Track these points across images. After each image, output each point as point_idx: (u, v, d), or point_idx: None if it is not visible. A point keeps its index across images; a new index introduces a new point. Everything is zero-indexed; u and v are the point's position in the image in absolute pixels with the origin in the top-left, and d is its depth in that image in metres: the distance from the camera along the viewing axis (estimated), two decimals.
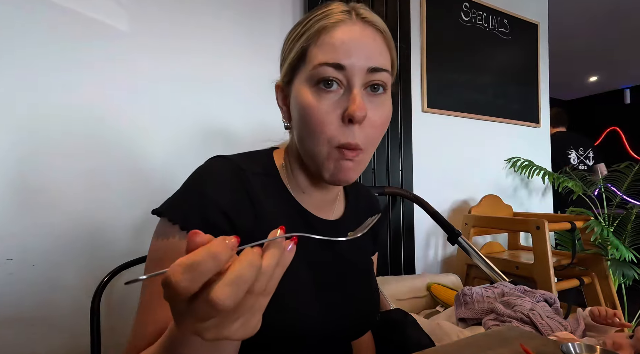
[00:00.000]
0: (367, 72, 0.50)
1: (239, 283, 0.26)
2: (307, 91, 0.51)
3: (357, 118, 0.49)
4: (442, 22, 1.92)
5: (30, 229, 1.04)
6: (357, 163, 0.52)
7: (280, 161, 0.61)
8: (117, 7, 1.17)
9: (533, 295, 1.01)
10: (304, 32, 0.52)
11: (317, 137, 0.50)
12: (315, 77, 0.50)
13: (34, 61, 1.06)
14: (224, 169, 0.53)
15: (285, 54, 0.56)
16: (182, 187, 0.52)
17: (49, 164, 1.07)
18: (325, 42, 0.50)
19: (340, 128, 0.50)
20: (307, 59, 0.51)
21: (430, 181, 1.86)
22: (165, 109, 1.24)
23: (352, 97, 0.49)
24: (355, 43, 0.50)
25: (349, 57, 0.49)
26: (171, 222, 0.48)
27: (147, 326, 0.46)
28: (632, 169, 2.38)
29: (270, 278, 0.30)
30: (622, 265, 1.80)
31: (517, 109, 2.23)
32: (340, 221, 0.64)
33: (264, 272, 0.29)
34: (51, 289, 1.06)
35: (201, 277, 0.26)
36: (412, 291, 1.43)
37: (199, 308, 0.27)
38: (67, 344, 1.07)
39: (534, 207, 2.34)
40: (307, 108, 0.50)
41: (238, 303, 0.27)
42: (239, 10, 1.38)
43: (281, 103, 0.58)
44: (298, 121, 0.53)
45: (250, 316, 0.30)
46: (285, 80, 0.56)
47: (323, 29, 0.51)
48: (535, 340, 0.59)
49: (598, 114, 5.25)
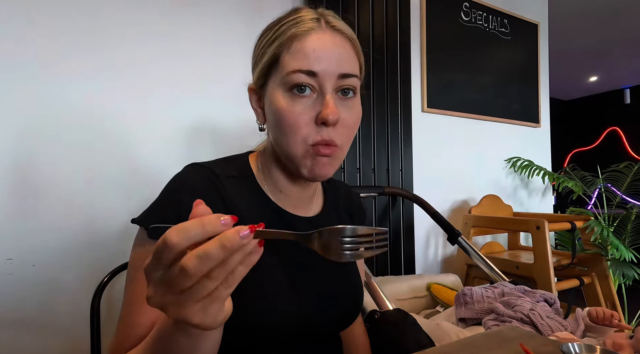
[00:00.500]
0: (338, 78, 0.53)
1: (204, 258, 0.29)
2: (281, 96, 0.53)
3: (331, 121, 0.52)
4: (442, 22, 1.92)
5: (30, 229, 1.04)
6: (333, 159, 0.55)
7: (256, 163, 0.63)
8: (119, 9, 1.17)
9: (533, 295, 1.01)
10: (275, 38, 0.54)
11: (293, 137, 0.53)
12: (289, 83, 0.52)
13: (34, 62, 1.06)
14: (196, 176, 0.55)
15: (257, 58, 0.58)
16: (158, 197, 0.54)
17: (49, 164, 1.07)
18: (297, 49, 0.52)
19: (315, 128, 0.53)
20: (280, 65, 0.53)
21: (430, 181, 1.86)
22: (166, 110, 1.24)
23: (325, 102, 0.52)
24: (326, 51, 0.53)
25: (321, 64, 0.52)
26: (147, 232, 0.50)
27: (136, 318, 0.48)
28: (632, 169, 2.39)
29: (232, 273, 0.31)
30: (622, 265, 1.81)
31: (517, 109, 2.23)
32: (317, 217, 0.65)
33: (226, 264, 0.30)
34: (51, 289, 1.06)
35: (188, 238, 0.29)
36: (412, 291, 1.43)
37: (172, 273, 0.30)
38: (67, 344, 1.07)
39: (534, 207, 2.34)
40: (281, 111, 0.52)
41: (197, 285, 0.30)
42: (238, 10, 1.38)
43: (255, 105, 0.60)
44: (273, 123, 0.55)
45: (209, 302, 0.31)
46: (258, 84, 0.58)
47: (294, 36, 0.53)
48: (535, 340, 0.59)
49: (598, 114, 5.25)
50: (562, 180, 2.05)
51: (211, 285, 0.31)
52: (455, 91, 1.96)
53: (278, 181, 0.61)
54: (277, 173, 0.61)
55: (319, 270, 0.61)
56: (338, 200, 0.72)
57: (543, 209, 2.39)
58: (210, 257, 0.29)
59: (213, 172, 0.56)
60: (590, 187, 2.42)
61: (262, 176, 0.62)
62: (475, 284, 1.58)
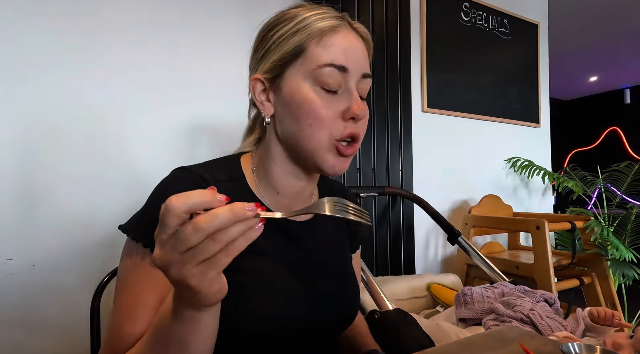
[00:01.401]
0: (361, 77, 0.55)
1: (214, 216, 0.32)
2: (308, 88, 0.53)
3: (360, 117, 0.54)
4: (442, 22, 1.92)
5: (30, 229, 1.04)
6: (350, 157, 0.57)
7: (249, 165, 0.61)
8: (120, 11, 1.17)
9: (533, 295, 1.01)
10: (300, 30, 0.53)
11: (319, 130, 0.52)
12: (319, 77, 0.52)
13: (35, 63, 1.06)
14: (183, 181, 0.53)
15: (270, 48, 0.55)
16: (144, 205, 0.53)
17: (49, 165, 1.07)
18: (329, 43, 0.52)
19: (341, 124, 0.53)
20: (308, 56, 0.52)
21: (430, 181, 1.86)
22: (166, 110, 1.25)
23: (354, 98, 0.53)
24: (353, 50, 0.54)
25: (350, 61, 0.53)
26: (134, 240, 0.50)
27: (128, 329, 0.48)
28: (632, 169, 2.39)
29: (232, 243, 0.34)
30: (622, 265, 1.81)
31: (517, 109, 2.23)
32: (312, 220, 0.64)
33: (230, 231, 0.33)
34: (51, 289, 1.06)
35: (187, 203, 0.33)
36: (412, 291, 1.43)
37: (182, 231, 0.33)
38: (67, 344, 1.07)
39: (534, 207, 2.34)
40: (307, 104, 0.52)
41: (201, 245, 0.33)
42: (238, 10, 1.38)
43: (261, 98, 0.57)
44: (292, 116, 0.54)
45: (208, 265, 0.34)
46: (271, 74, 0.55)
47: (325, 30, 0.53)
48: (535, 340, 0.59)
49: (598, 114, 5.25)
50: (562, 180, 2.05)
51: (213, 248, 0.33)
52: (455, 91, 1.96)
53: (277, 180, 0.59)
54: (278, 171, 0.59)
55: (317, 273, 0.60)
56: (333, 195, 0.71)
57: (543, 209, 2.39)
58: (219, 217, 0.32)
59: (201, 176, 0.54)
60: (590, 187, 2.42)
61: (257, 177, 0.60)
62: (475, 284, 1.58)
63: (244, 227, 0.34)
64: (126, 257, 0.51)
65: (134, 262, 0.50)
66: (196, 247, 0.33)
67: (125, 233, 0.51)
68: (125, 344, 0.47)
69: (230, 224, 0.33)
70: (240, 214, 0.33)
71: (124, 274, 0.50)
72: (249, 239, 0.35)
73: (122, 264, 0.51)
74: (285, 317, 0.54)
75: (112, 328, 0.49)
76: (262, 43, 0.57)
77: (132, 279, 0.49)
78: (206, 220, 0.32)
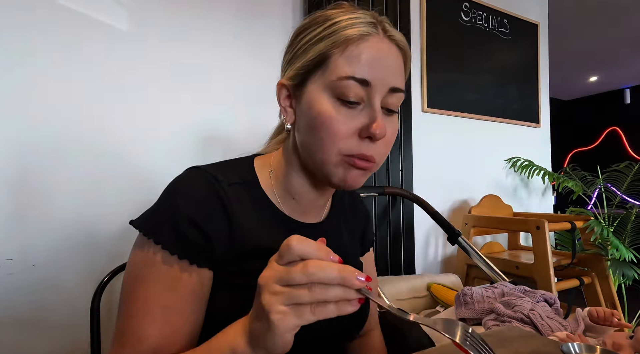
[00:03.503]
0: (388, 91, 0.50)
1: (322, 267, 0.34)
2: (326, 100, 0.50)
3: (378, 137, 0.49)
4: (442, 22, 1.92)
5: (31, 229, 1.04)
6: (367, 172, 0.53)
7: (266, 168, 0.59)
8: (118, 10, 1.17)
9: (533, 295, 1.01)
10: (325, 37, 0.50)
11: (329, 146, 0.50)
12: (338, 89, 0.49)
13: (35, 63, 1.06)
14: (197, 181, 0.52)
15: (297, 53, 0.53)
16: (157, 201, 0.52)
17: (49, 165, 1.07)
18: (352, 54, 0.49)
19: (356, 142, 0.50)
20: (329, 67, 0.49)
21: (430, 181, 1.86)
22: (165, 111, 1.25)
23: (374, 116, 0.49)
24: (382, 61, 0.50)
25: (375, 74, 0.49)
26: (146, 237, 0.49)
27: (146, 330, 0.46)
28: (632, 169, 2.39)
29: (324, 303, 0.35)
30: (622, 265, 1.81)
31: (517, 109, 2.23)
32: (322, 223, 0.63)
33: (328, 290, 0.35)
34: (51, 289, 1.06)
35: (305, 254, 0.36)
36: (412, 291, 1.43)
37: (293, 267, 0.35)
38: (67, 345, 1.07)
39: (534, 207, 2.34)
40: (322, 117, 0.49)
41: (298, 289, 0.35)
42: (238, 10, 1.38)
43: (284, 103, 0.56)
44: (307, 126, 0.51)
45: (292, 311, 0.35)
46: (294, 81, 0.53)
47: (351, 39, 0.49)
48: (535, 340, 0.59)
49: (598, 114, 5.25)
50: (562, 180, 2.05)
51: (306, 297, 0.34)
52: (455, 91, 1.96)
53: (294, 186, 0.58)
54: (295, 178, 0.57)
55: None
56: (343, 205, 0.70)
57: (543, 209, 2.39)
58: (326, 270, 0.34)
59: (215, 177, 0.52)
60: (590, 187, 2.42)
61: (273, 181, 0.58)
62: (475, 284, 1.58)
63: (342, 295, 0.35)
64: (138, 253, 0.49)
65: (146, 258, 0.48)
66: (294, 287, 0.35)
67: (137, 229, 0.50)
68: (149, 346, 0.46)
69: (332, 282, 0.34)
70: (346, 278, 0.34)
71: (136, 270, 0.49)
72: (340, 310, 0.35)
73: (133, 260, 0.50)
74: None
75: (127, 327, 0.47)
76: (292, 46, 0.55)
77: (144, 276, 0.48)
78: (315, 266, 0.34)
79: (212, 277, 0.51)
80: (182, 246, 0.48)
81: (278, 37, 1.43)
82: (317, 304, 0.35)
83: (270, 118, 1.39)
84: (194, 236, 0.48)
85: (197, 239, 0.48)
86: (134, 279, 0.49)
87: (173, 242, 0.48)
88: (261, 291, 0.37)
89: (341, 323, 0.59)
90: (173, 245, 0.48)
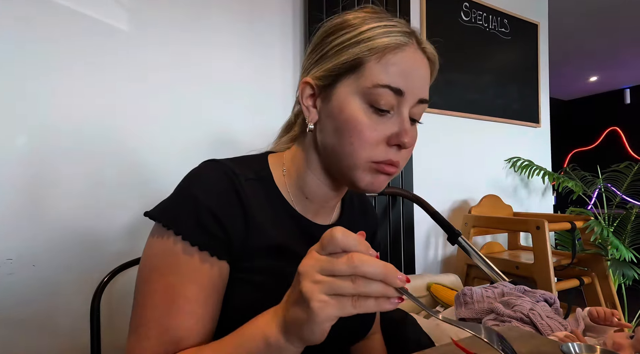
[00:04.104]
0: (417, 102, 0.52)
1: (366, 261, 0.35)
2: (358, 106, 0.50)
3: (407, 146, 0.51)
4: (442, 22, 1.92)
5: (30, 229, 1.04)
6: (392, 176, 0.54)
7: (279, 165, 0.59)
8: (122, 12, 1.17)
9: (533, 295, 1.01)
10: (361, 41, 0.50)
11: (360, 152, 0.50)
12: (372, 96, 0.49)
13: (36, 64, 1.06)
14: (216, 173, 0.52)
15: (327, 53, 0.53)
16: (174, 192, 0.52)
17: (50, 165, 1.07)
18: (390, 62, 0.49)
19: (384, 148, 0.51)
20: (365, 72, 0.49)
21: (430, 181, 1.86)
22: (165, 111, 1.24)
23: (404, 126, 0.51)
24: (415, 72, 0.51)
25: (408, 85, 0.50)
26: (165, 227, 0.48)
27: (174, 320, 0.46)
28: (632, 169, 2.39)
29: (365, 297, 0.35)
30: (622, 265, 1.81)
31: (517, 109, 2.23)
32: (334, 225, 0.63)
33: (370, 284, 0.35)
34: (51, 289, 1.06)
35: (348, 246, 0.36)
36: (412, 291, 1.43)
37: (338, 257, 0.35)
38: (67, 345, 1.07)
39: (534, 207, 2.34)
40: (354, 122, 0.49)
41: (340, 280, 0.35)
42: (239, 10, 1.38)
43: (307, 102, 0.55)
44: (334, 131, 0.51)
45: (334, 301, 0.35)
46: (323, 82, 0.53)
47: (389, 47, 0.49)
48: (535, 340, 0.59)
49: (598, 114, 5.25)
50: (562, 180, 2.05)
51: (348, 288, 0.35)
52: (455, 91, 1.96)
53: (309, 186, 0.58)
54: (312, 178, 0.57)
55: None
56: (353, 207, 0.70)
57: (543, 209, 2.39)
58: (371, 265, 0.35)
59: (233, 171, 0.52)
60: (590, 187, 2.42)
61: (287, 180, 0.58)
62: (475, 284, 1.58)
63: (383, 290, 0.35)
64: (155, 244, 0.49)
65: (166, 249, 0.48)
66: (337, 278, 0.35)
67: (153, 220, 0.50)
68: (174, 336, 0.45)
69: (375, 278, 0.35)
70: (389, 275, 0.35)
71: (155, 261, 0.48)
72: (379, 306, 0.35)
73: (150, 252, 0.49)
74: None
75: (150, 318, 0.46)
76: (320, 46, 0.54)
77: (164, 267, 0.47)
78: (360, 259, 0.35)
79: (229, 271, 0.51)
80: (203, 237, 0.48)
81: (278, 37, 1.43)
82: (359, 298, 0.35)
83: (271, 118, 1.40)
84: (213, 227, 0.48)
85: (216, 231, 0.48)
86: (153, 269, 0.48)
87: (194, 233, 0.47)
88: (301, 279, 0.36)
89: (350, 326, 0.59)
90: (194, 236, 0.47)
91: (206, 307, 0.48)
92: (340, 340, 0.60)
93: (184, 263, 0.47)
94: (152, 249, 0.49)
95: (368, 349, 0.71)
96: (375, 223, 0.76)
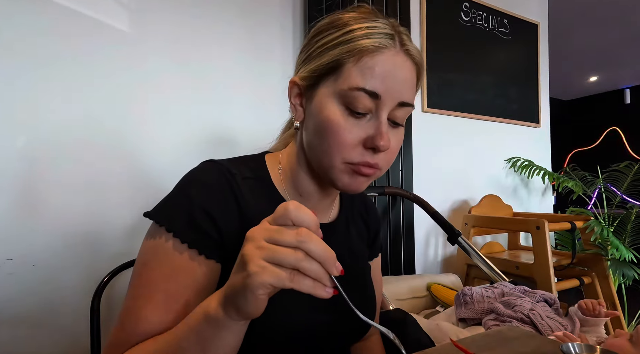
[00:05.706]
0: (397, 105, 0.51)
1: (313, 240, 0.35)
2: (335, 108, 0.50)
3: (382, 150, 0.50)
4: (442, 22, 1.92)
5: (31, 229, 1.04)
6: (372, 177, 0.53)
7: (276, 164, 0.60)
8: (121, 12, 1.17)
9: (533, 295, 1.01)
10: (341, 43, 0.50)
11: (335, 153, 0.50)
12: (347, 98, 0.49)
13: (37, 64, 1.06)
14: (212, 172, 0.53)
15: (312, 54, 0.53)
16: (171, 191, 0.53)
17: (50, 165, 1.07)
18: (366, 65, 0.49)
19: (360, 151, 0.51)
20: (342, 75, 0.50)
21: (430, 181, 1.86)
22: (164, 111, 1.25)
23: (380, 129, 0.50)
24: (395, 75, 0.50)
25: (386, 88, 0.49)
26: (158, 224, 0.50)
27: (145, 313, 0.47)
28: (632, 169, 2.39)
29: (303, 275, 0.35)
30: (622, 265, 1.81)
31: (517, 109, 2.23)
32: (333, 223, 0.64)
33: (309, 260, 0.35)
34: (51, 289, 1.06)
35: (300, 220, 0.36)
36: (412, 291, 1.43)
37: (286, 228, 0.36)
38: (67, 344, 1.07)
39: (534, 207, 2.34)
40: (330, 123, 0.50)
41: (283, 249, 0.35)
42: (239, 10, 1.38)
43: (294, 100, 0.56)
44: (315, 130, 0.52)
45: (272, 270, 0.35)
46: (307, 82, 0.54)
47: (366, 50, 0.49)
48: (535, 340, 0.59)
49: (598, 114, 5.25)
50: (562, 180, 2.05)
51: (289, 258, 0.35)
52: (455, 91, 1.96)
53: (302, 184, 0.59)
54: (303, 177, 0.58)
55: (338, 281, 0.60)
56: (354, 207, 0.70)
57: (543, 209, 2.39)
58: (316, 244, 0.35)
59: (229, 171, 0.53)
60: (590, 187, 2.42)
61: (283, 178, 0.59)
62: (475, 284, 1.58)
63: (320, 274, 0.35)
64: (149, 240, 0.50)
65: (157, 245, 0.49)
66: (280, 246, 0.35)
67: (150, 219, 0.51)
68: (147, 329, 0.46)
69: (315, 257, 0.35)
70: (329, 259, 0.35)
71: (145, 256, 0.50)
72: (314, 289, 0.36)
73: (144, 248, 0.51)
74: (298, 322, 0.53)
75: (130, 308, 0.48)
76: (307, 46, 0.55)
77: (153, 262, 0.49)
78: (309, 235, 0.35)
79: (220, 271, 0.51)
80: (193, 235, 0.48)
81: (278, 37, 1.43)
82: (297, 273, 0.35)
83: (272, 117, 1.40)
84: (205, 225, 0.49)
85: (208, 230, 0.49)
86: (143, 264, 0.49)
87: (184, 231, 0.48)
88: (246, 243, 0.37)
89: (349, 325, 0.59)
90: (184, 233, 0.48)
91: (186, 306, 0.48)
92: (339, 340, 0.60)
93: (172, 259, 0.48)
94: (145, 245, 0.51)
95: (367, 350, 0.71)
96: (377, 223, 0.76)
